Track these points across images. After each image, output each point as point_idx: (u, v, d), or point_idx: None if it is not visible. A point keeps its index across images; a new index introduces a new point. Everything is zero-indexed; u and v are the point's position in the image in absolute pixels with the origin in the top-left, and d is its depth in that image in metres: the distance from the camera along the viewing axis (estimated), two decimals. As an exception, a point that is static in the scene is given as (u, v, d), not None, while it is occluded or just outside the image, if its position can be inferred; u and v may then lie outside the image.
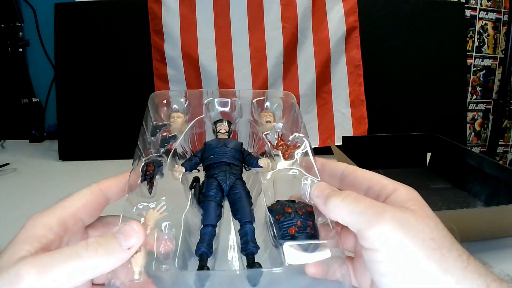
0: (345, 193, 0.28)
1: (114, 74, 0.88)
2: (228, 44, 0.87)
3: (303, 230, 0.29)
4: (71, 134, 0.88)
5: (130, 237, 0.25)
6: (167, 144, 0.36)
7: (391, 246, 0.24)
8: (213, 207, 0.32)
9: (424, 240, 0.24)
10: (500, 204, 0.55)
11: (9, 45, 0.94)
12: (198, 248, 0.29)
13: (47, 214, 0.27)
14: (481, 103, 1.25)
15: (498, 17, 1.20)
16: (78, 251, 0.24)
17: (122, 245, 0.25)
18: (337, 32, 0.88)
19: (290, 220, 0.29)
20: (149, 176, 0.32)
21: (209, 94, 0.40)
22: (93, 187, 0.31)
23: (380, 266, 0.24)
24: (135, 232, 0.25)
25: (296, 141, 0.37)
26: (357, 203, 0.26)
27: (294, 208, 0.30)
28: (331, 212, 0.28)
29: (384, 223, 0.24)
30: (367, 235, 0.25)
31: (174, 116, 0.38)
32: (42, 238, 0.25)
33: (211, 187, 0.33)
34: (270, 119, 0.39)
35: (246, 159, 0.37)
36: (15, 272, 0.22)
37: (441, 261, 0.23)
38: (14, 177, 0.76)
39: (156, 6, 0.85)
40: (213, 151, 0.36)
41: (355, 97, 0.91)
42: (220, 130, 0.39)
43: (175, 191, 0.32)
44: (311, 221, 0.30)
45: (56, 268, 0.23)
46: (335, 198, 0.27)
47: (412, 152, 0.75)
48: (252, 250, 0.29)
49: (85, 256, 0.23)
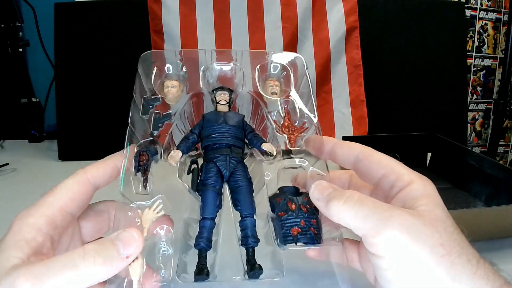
0: (346, 194, 0.26)
1: (114, 74, 0.88)
2: (228, 44, 0.87)
3: (306, 231, 0.28)
4: (71, 134, 0.88)
5: (129, 246, 0.24)
6: (161, 125, 0.32)
7: (398, 253, 0.23)
8: (212, 197, 0.30)
9: (433, 246, 0.23)
10: (500, 204, 0.54)
11: (9, 45, 0.94)
12: (197, 242, 0.28)
13: (33, 213, 0.26)
14: (482, 103, 1.25)
15: (498, 17, 1.20)
16: (75, 260, 0.23)
17: (120, 253, 0.24)
18: (337, 32, 0.88)
19: (293, 219, 0.28)
20: (143, 167, 0.29)
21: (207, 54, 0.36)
22: (79, 176, 0.29)
23: (387, 273, 0.24)
24: (134, 240, 0.24)
25: (304, 122, 0.33)
26: (361, 206, 0.25)
27: (298, 205, 0.29)
28: (333, 216, 0.26)
29: (391, 229, 0.23)
30: (372, 242, 0.24)
31: (168, 85, 0.33)
32: (31, 242, 0.24)
33: (210, 173, 0.31)
34: (276, 89, 0.34)
35: (248, 137, 0.34)
36: (9, 285, 0.21)
37: (450, 268, 0.22)
38: (14, 177, 0.76)
39: (156, 6, 0.85)
40: (212, 129, 0.33)
41: (355, 97, 0.91)
42: (220, 101, 0.34)
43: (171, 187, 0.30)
44: (315, 219, 0.29)
45: (51, 279, 0.22)
46: (336, 201, 0.26)
47: (412, 152, 0.75)
48: (252, 244, 0.29)
49: (81, 265, 0.22)
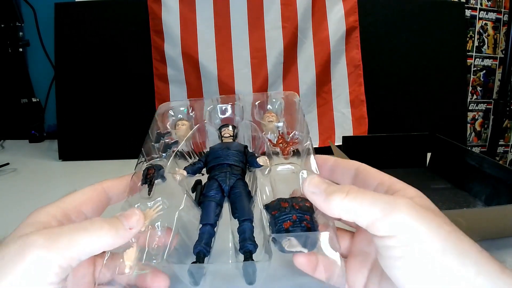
0: (346, 187, 0.26)
1: (114, 74, 0.88)
2: (228, 44, 0.87)
3: (299, 224, 0.27)
4: (71, 134, 0.88)
5: (131, 218, 0.27)
6: (169, 150, 0.38)
7: (407, 232, 0.23)
8: (212, 207, 0.32)
9: (439, 224, 0.24)
10: (500, 204, 0.54)
11: (9, 45, 0.94)
12: (195, 246, 0.29)
13: (50, 206, 0.29)
14: (482, 103, 1.25)
15: (498, 17, 1.20)
16: (85, 225, 0.25)
17: (124, 224, 0.26)
18: (337, 32, 0.88)
19: (285, 215, 0.28)
20: (149, 179, 0.33)
21: (213, 101, 0.42)
22: (96, 186, 0.32)
23: (396, 252, 0.24)
24: (135, 214, 0.28)
25: (297, 137, 0.37)
26: (364, 196, 0.25)
27: (290, 203, 0.29)
28: (334, 209, 0.26)
29: (399, 212, 0.24)
30: (382, 224, 0.24)
31: (179, 124, 0.40)
32: (46, 224, 0.26)
33: (211, 188, 0.34)
34: (272, 119, 0.40)
35: (248, 160, 0.37)
36: (22, 242, 0.23)
37: (458, 243, 0.23)
38: (14, 177, 0.76)
39: (156, 6, 0.85)
40: (216, 153, 0.37)
41: (355, 97, 0.91)
42: (224, 135, 0.40)
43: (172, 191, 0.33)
44: (309, 215, 0.28)
45: (63, 237, 0.24)
46: (338, 194, 0.26)
47: (412, 152, 0.75)
48: (249, 248, 0.29)
49: (91, 229, 0.25)
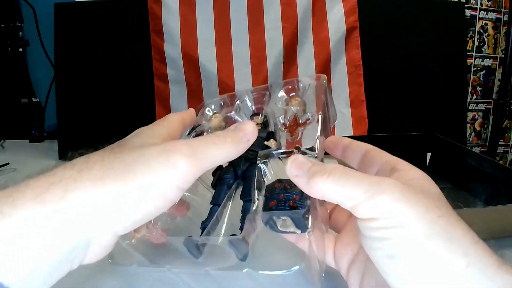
0: (329, 167, 0.24)
1: (114, 74, 0.88)
2: (228, 44, 0.87)
3: (283, 203, 0.27)
4: (71, 134, 0.88)
5: (247, 130, 0.29)
6: None
7: (389, 213, 0.22)
8: (223, 189, 0.34)
9: (429, 208, 0.22)
10: (500, 204, 0.54)
11: (9, 45, 0.94)
12: (202, 223, 0.32)
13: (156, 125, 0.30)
14: (481, 103, 1.25)
15: (498, 17, 1.20)
16: (213, 139, 0.27)
17: (241, 137, 0.28)
18: (337, 32, 0.88)
19: (275, 195, 0.28)
20: None
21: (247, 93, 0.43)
22: (177, 114, 0.34)
23: (376, 233, 0.22)
24: (250, 125, 0.29)
25: (308, 118, 0.36)
26: (348, 177, 0.23)
27: (283, 184, 0.28)
28: (316, 191, 0.24)
29: (383, 192, 0.22)
30: (364, 207, 0.22)
31: (212, 117, 0.42)
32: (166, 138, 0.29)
33: (226, 172, 0.36)
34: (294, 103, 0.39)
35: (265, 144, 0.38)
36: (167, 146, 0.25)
37: (449, 229, 0.22)
38: (14, 177, 0.76)
39: (156, 6, 0.85)
40: None
41: (355, 97, 0.91)
42: None
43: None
44: (299, 195, 0.27)
45: (200, 149, 0.26)
46: (320, 175, 0.24)
47: (412, 152, 0.75)
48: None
49: (218, 143, 0.27)
